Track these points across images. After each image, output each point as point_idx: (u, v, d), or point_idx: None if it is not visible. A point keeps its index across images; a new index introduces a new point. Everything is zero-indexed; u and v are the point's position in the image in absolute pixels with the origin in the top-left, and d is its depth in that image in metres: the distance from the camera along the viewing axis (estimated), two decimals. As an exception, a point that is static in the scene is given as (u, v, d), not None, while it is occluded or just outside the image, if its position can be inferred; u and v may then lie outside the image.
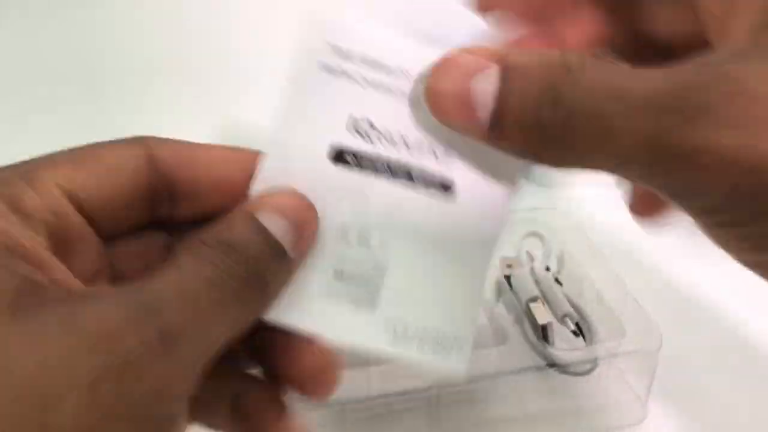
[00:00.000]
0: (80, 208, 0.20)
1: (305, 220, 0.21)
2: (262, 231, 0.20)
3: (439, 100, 0.20)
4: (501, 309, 0.40)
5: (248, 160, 0.22)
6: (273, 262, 0.20)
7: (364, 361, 0.34)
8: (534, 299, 0.39)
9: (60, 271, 0.19)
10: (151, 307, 0.17)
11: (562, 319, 0.39)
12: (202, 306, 0.18)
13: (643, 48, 0.24)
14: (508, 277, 0.41)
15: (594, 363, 0.38)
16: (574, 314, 0.39)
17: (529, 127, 0.19)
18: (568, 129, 0.19)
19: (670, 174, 0.18)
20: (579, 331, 0.39)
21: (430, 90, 0.21)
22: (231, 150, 0.23)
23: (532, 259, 0.42)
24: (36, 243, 0.19)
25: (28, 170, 0.20)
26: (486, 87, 0.19)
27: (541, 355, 0.37)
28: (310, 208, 0.21)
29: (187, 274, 0.18)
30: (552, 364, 0.37)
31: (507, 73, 0.19)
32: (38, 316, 0.16)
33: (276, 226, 0.20)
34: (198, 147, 0.22)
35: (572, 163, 0.20)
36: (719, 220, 0.19)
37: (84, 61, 0.54)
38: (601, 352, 0.37)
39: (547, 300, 0.39)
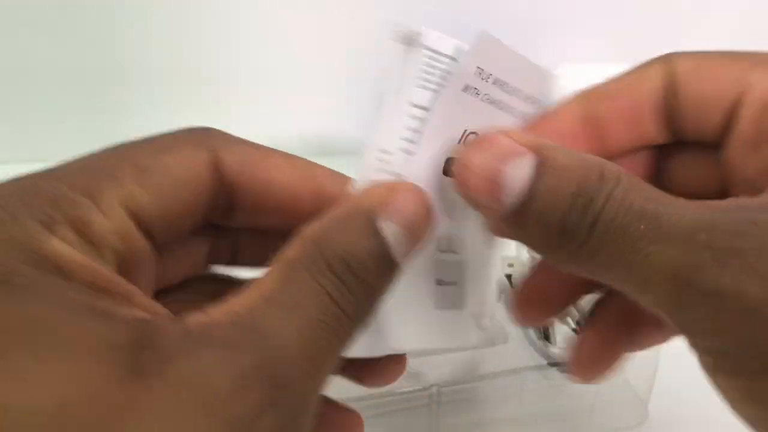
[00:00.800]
0: (142, 227, 0.19)
1: (422, 227, 0.20)
2: (382, 244, 0.18)
3: (468, 174, 0.20)
4: (502, 308, 0.40)
5: (323, 182, 0.21)
6: (385, 278, 0.19)
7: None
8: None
9: (140, 296, 0.17)
10: (284, 385, 0.15)
11: (563, 318, 0.39)
12: (320, 364, 0.17)
13: None
14: (509, 276, 0.41)
15: (595, 362, 0.38)
16: (575, 313, 0.39)
17: (552, 225, 0.19)
18: (594, 238, 0.18)
19: (690, 309, 0.18)
20: (580, 331, 0.39)
21: (460, 162, 0.20)
22: (305, 166, 0.21)
23: (533, 257, 0.42)
24: (118, 277, 0.17)
25: (89, 186, 0.17)
26: (518, 172, 0.19)
27: (542, 354, 0.37)
28: (430, 212, 0.20)
29: (302, 323, 0.16)
30: (553, 363, 0.37)
31: (542, 165, 0.19)
32: (165, 376, 0.14)
33: (395, 235, 0.18)
34: (268, 156, 0.21)
35: (585, 268, 0.19)
36: (726, 365, 0.18)
37: (96, 63, 0.54)
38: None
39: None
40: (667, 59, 0.22)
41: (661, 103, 0.22)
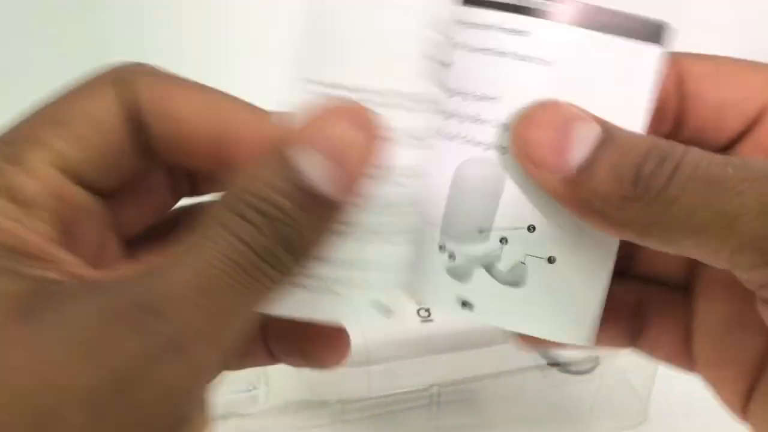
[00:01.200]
0: (77, 179, 0.18)
1: (361, 152, 0.17)
2: (288, 174, 0.16)
3: (534, 135, 0.19)
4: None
5: (229, 118, 0.19)
6: (313, 217, 0.16)
7: (364, 360, 0.34)
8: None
9: (70, 263, 0.17)
10: (157, 310, 0.15)
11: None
12: (218, 299, 0.16)
13: None
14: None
15: (595, 362, 0.38)
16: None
17: (625, 176, 0.18)
18: (674, 184, 0.18)
19: None
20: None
21: (528, 123, 0.20)
22: (218, 100, 0.19)
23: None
24: (42, 237, 0.17)
25: (13, 153, 0.17)
26: (586, 133, 0.19)
27: (543, 354, 0.37)
28: (368, 131, 0.17)
29: (200, 261, 0.16)
30: (553, 363, 0.37)
31: (609, 131, 0.19)
32: (46, 320, 0.15)
33: (308, 164, 0.16)
34: (184, 89, 0.19)
35: (656, 223, 0.18)
36: None
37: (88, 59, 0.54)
38: (603, 351, 0.37)
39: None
40: (676, 58, 0.22)
41: (670, 98, 0.22)
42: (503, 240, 0.21)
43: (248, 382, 0.35)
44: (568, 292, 0.21)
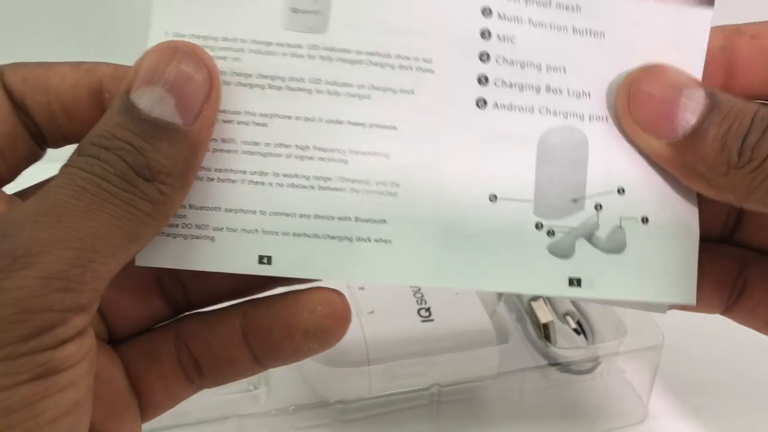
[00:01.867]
0: None
1: (188, 75, 0.18)
2: (129, 110, 0.17)
3: (642, 100, 0.20)
4: (502, 308, 0.40)
5: (101, 78, 0.20)
6: (156, 144, 0.17)
7: (364, 360, 0.34)
8: (535, 298, 0.39)
9: None
10: (2, 232, 0.16)
11: (563, 318, 0.39)
12: (63, 216, 0.16)
13: None
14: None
15: (595, 362, 0.38)
16: (576, 313, 0.39)
17: (732, 145, 0.19)
18: None
19: None
20: (580, 330, 0.39)
21: (636, 88, 0.21)
22: (88, 67, 0.21)
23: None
24: None
25: None
26: (694, 100, 0.20)
27: (543, 354, 0.37)
28: (194, 55, 0.19)
29: (44, 192, 0.17)
30: (553, 363, 0.37)
31: (714, 97, 0.20)
32: None
33: (147, 98, 0.18)
34: (52, 67, 0.21)
35: (759, 188, 0.19)
36: None
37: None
38: (603, 351, 0.37)
39: (548, 298, 0.39)
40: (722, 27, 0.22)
41: (717, 57, 0.22)
42: (598, 206, 0.21)
43: (248, 382, 0.35)
44: (667, 250, 0.22)
